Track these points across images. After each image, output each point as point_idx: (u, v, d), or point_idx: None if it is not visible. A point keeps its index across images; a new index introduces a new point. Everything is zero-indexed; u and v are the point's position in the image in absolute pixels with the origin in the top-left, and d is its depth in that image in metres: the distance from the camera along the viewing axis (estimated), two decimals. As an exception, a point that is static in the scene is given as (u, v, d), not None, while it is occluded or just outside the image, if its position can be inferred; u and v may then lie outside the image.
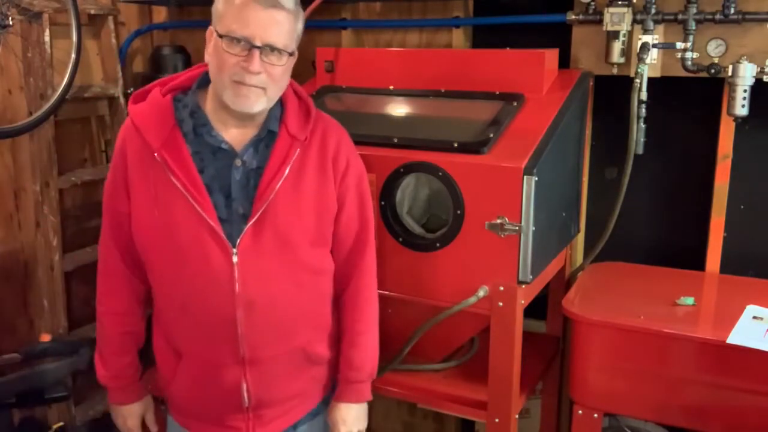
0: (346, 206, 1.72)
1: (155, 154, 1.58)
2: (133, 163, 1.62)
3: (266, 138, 1.64)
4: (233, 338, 1.62)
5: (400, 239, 2.04)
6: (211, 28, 1.58)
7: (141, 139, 1.60)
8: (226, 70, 1.53)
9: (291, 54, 1.58)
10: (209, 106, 1.63)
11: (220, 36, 1.53)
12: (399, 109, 2.33)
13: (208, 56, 1.59)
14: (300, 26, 1.60)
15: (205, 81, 1.65)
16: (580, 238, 2.52)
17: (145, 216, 1.62)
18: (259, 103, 1.57)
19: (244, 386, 1.66)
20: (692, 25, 2.14)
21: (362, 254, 1.77)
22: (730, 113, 2.11)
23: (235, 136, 1.62)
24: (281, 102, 1.67)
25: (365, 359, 1.80)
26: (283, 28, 1.53)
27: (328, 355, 1.79)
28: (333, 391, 1.84)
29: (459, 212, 1.94)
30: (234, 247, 1.58)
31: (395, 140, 2.05)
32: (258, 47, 1.51)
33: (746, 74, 2.05)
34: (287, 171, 1.61)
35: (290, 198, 1.62)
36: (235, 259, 1.58)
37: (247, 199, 1.60)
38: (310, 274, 1.70)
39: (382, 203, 2.02)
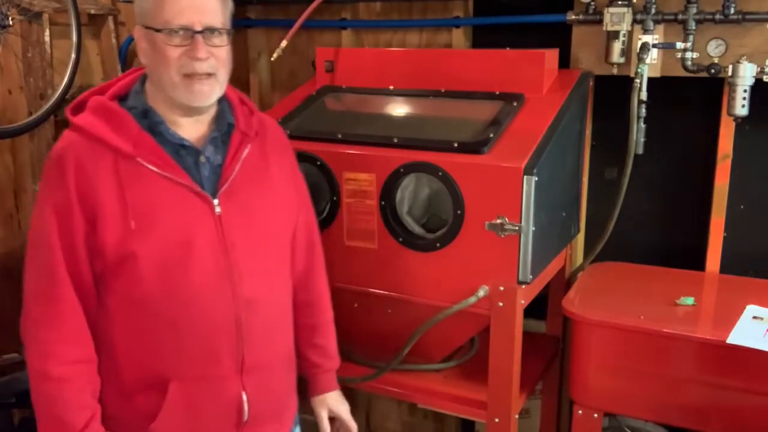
0: (301, 196, 1.75)
1: (137, 159, 1.45)
2: (87, 178, 1.45)
3: (225, 133, 1.57)
4: (230, 342, 1.53)
5: (400, 239, 2.04)
6: (138, 27, 1.50)
7: (97, 149, 1.46)
8: (172, 65, 1.44)
9: (229, 32, 1.51)
10: (158, 108, 1.52)
11: (158, 31, 1.44)
12: (399, 109, 2.33)
13: (144, 57, 1.50)
14: (230, 2, 1.54)
15: (143, 84, 1.55)
16: (580, 238, 2.52)
17: (120, 229, 1.45)
18: (214, 93, 1.49)
19: (245, 397, 1.56)
20: (692, 25, 2.14)
21: (316, 242, 1.80)
22: (730, 113, 2.11)
23: (190, 134, 1.53)
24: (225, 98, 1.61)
25: (335, 347, 1.86)
26: (216, 6, 1.47)
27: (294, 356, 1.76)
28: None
29: (459, 212, 1.93)
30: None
31: (395, 140, 2.05)
32: (199, 32, 1.44)
33: (746, 74, 2.05)
34: (238, 166, 1.55)
35: (262, 195, 1.59)
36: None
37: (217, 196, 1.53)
38: (285, 272, 1.68)
39: (382, 203, 2.02)
